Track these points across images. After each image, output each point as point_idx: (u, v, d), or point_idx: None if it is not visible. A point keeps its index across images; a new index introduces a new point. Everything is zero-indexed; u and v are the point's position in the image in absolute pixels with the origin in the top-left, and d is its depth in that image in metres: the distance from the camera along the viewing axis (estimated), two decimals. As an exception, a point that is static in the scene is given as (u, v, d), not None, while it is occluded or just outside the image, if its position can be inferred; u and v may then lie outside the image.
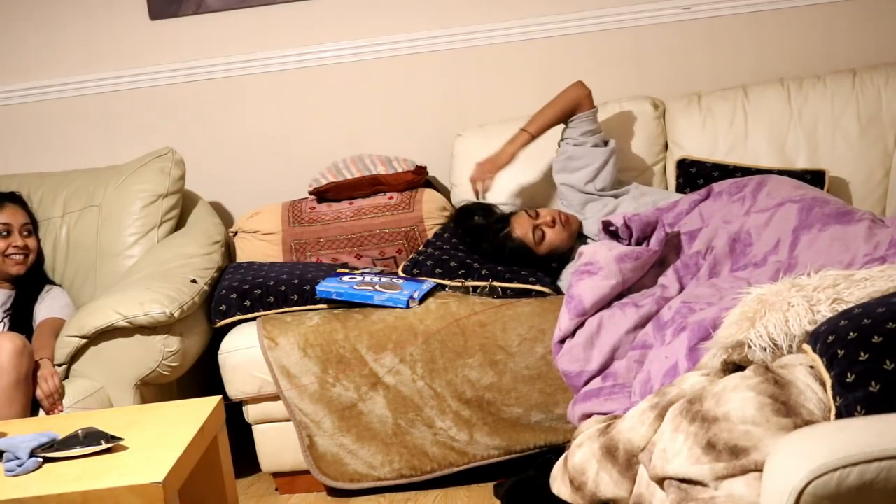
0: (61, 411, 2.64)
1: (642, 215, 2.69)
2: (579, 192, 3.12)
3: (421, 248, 3.13)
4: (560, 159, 3.15)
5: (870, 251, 2.32)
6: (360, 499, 2.81)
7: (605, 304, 2.56)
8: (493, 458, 2.75)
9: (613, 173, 3.14)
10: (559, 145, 3.17)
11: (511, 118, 3.40)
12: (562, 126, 3.16)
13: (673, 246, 2.72)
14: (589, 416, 2.38)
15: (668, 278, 2.60)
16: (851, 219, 2.46)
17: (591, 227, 3.03)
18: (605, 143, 3.14)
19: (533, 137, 3.12)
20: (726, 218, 2.71)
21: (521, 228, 2.96)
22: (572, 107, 3.13)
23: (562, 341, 2.56)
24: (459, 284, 2.90)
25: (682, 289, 2.57)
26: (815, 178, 3.02)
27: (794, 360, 1.82)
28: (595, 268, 2.58)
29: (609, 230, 2.73)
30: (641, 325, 2.48)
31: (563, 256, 2.99)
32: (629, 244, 2.66)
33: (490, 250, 2.98)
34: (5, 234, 3.09)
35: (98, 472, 1.89)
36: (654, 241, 2.63)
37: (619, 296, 2.60)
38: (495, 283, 2.86)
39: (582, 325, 2.55)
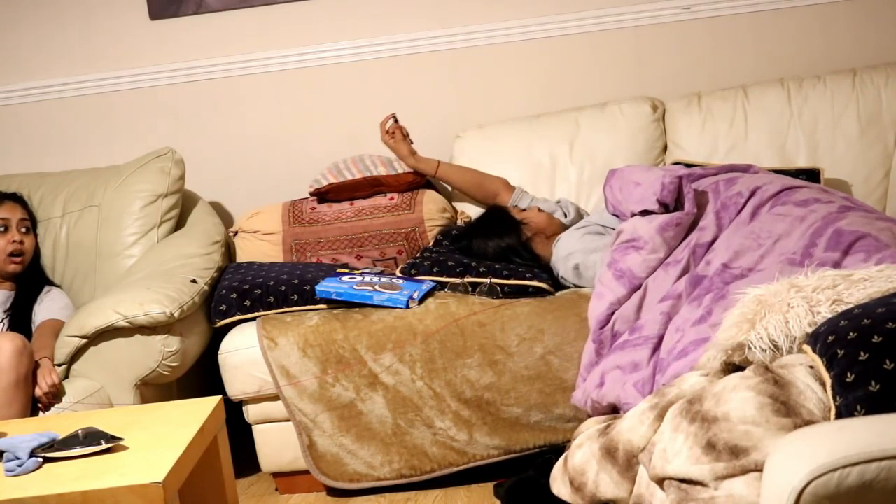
0: (59, 401, 2.64)
1: (667, 186, 2.68)
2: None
3: (418, 255, 3.12)
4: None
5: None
6: (360, 499, 2.81)
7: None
8: (492, 458, 2.75)
9: (572, 207, 3.19)
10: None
11: (511, 118, 3.40)
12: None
13: (711, 191, 2.74)
14: (611, 370, 2.41)
15: (707, 220, 2.63)
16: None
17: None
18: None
19: (435, 175, 3.26)
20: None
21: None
22: (489, 188, 3.25)
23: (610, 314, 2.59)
24: (458, 281, 2.90)
25: (719, 231, 2.59)
26: (809, 176, 3.02)
27: (794, 360, 1.82)
28: (641, 242, 2.62)
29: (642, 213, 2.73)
30: (682, 275, 2.54)
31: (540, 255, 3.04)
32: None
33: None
34: (2, 229, 3.09)
35: (98, 472, 1.89)
36: (689, 204, 2.65)
37: None
38: (494, 281, 2.86)
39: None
